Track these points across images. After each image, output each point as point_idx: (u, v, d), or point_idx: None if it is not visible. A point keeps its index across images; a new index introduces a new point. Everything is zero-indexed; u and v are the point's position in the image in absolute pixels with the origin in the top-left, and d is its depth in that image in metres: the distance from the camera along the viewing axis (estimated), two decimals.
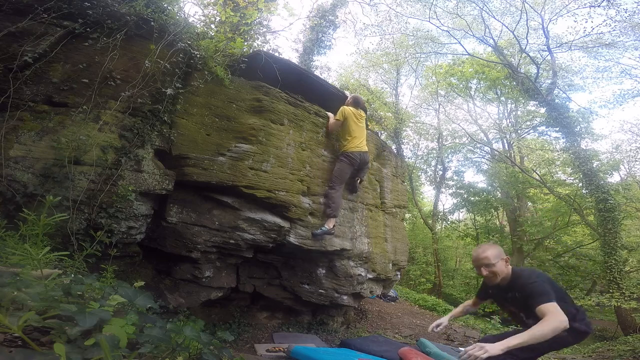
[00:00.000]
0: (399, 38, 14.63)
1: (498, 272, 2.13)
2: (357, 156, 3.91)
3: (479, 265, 2.19)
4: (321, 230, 3.66)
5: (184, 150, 3.07)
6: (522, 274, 2.13)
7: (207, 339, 1.27)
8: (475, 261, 2.22)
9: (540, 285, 1.98)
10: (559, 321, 1.74)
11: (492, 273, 2.14)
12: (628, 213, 10.40)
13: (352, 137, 3.96)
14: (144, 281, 1.82)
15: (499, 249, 2.20)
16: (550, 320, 1.75)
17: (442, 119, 17.88)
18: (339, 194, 3.85)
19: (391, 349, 3.32)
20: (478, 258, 2.19)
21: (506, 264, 2.17)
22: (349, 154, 3.90)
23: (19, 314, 0.89)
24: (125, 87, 2.84)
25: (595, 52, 12.61)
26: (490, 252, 2.15)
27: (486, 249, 2.20)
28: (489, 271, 2.14)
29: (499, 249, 2.19)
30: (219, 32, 4.12)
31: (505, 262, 2.16)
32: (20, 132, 2.51)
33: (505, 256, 2.18)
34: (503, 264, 2.15)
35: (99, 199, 2.59)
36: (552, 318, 1.75)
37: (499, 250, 2.19)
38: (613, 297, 7.71)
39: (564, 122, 9.90)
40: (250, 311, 4.31)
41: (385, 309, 6.66)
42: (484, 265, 2.15)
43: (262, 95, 3.53)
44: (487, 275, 2.16)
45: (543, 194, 15.25)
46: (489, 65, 13.86)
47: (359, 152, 3.94)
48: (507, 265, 2.17)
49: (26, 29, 2.76)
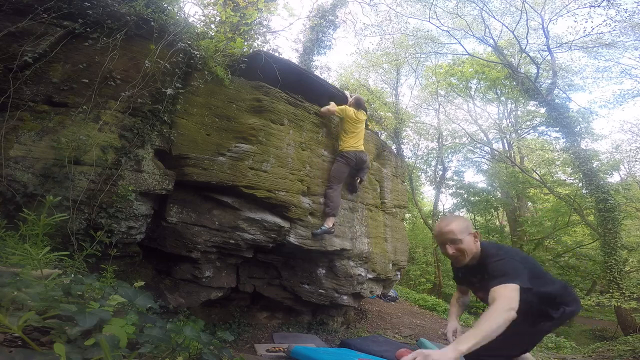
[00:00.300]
0: (399, 38, 14.64)
1: (466, 250, 1.78)
2: (352, 155, 3.94)
3: (443, 241, 1.84)
4: (321, 229, 3.68)
5: (184, 150, 3.07)
6: (489, 252, 1.80)
7: (207, 339, 1.27)
8: (439, 236, 1.87)
9: (505, 263, 1.64)
10: (504, 309, 1.38)
11: (459, 251, 1.80)
12: (628, 213, 10.41)
13: (348, 137, 4.00)
14: (144, 281, 1.82)
15: (467, 221, 1.87)
16: (496, 309, 1.39)
17: (442, 119, 17.87)
18: (337, 193, 3.86)
19: (391, 349, 3.32)
20: (441, 232, 1.83)
21: (475, 239, 1.82)
22: (345, 154, 3.94)
23: (19, 314, 0.89)
24: (125, 87, 2.84)
25: (595, 52, 12.62)
26: (456, 225, 1.80)
27: (451, 221, 1.84)
28: (455, 249, 1.79)
29: (466, 222, 1.85)
30: (219, 32, 4.12)
31: (474, 237, 1.82)
32: (20, 132, 2.51)
33: (473, 230, 1.83)
34: (471, 240, 1.80)
35: (99, 199, 2.59)
36: (498, 306, 1.40)
37: (467, 223, 1.85)
38: (613, 297, 7.72)
39: (564, 122, 9.91)
40: (250, 311, 4.31)
41: (385, 309, 6.66)
42: (448, 241, 1.80)
43: (262, 95, 3.53)
44: (453, 255, 1.81)
45: (543, 194, 15.25)
46: (489, 65, 13.85)
47: (355, 152, 3.97)
48: (476, 242, 1.83)
49: (26, 29, 2.76)
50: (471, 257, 1.81)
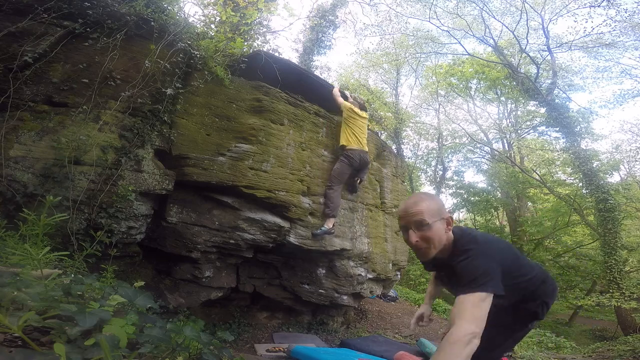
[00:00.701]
0: (399, 38, 14.65)
1: (434, 240, 1.32)
2: (357, 156, 3.91)
3: (406, 223, 1.36)
4: (321, 230, 3.67)
5: (184, 150, 3.07)
6: (459, 246, 1.36)
7: (207, 339, 1.27)
8: (403, 217, 1.38)
9: (474, 264, 1.26)
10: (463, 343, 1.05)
11: (425, 240, 1.33)
12: (628, 213, 10.42)
13: (353, 135, 3.97)
14: (144, 281, 1.82)
15: (440, 202, 1.41)
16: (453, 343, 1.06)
17: (442, 119, 17.91)
18: (337, 193, 3.85)
19: (391, 349, 3.32)
20: (406, 212, 1.36)
21: (447, 228, 1.37)
22: (349, 154, 3.90)
23: (19, 314, 0.89)
24: (125, 87, 2.84)
25: (595, 52, 12.63)
26: (427, 206, 1.33)
27: (421, 199, 1.37)
28: (420, 237, 1.33)
29: (439, 203, 1.39)
30: (219, 32, 4.12)
31: (446, 224, 1.37)
32: (20, 132, 2.51)
33: (446, 214, 1.37)
34: (442, 228, 1.35)
35: (99, 199, 2.59)
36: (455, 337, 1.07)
37: (440, 204, 1.39)
38: (613, 297, 7.72)
39: (564, 122, 9.91)
40: (250, 311, 4.31)
41: (385, 309, 6.66)
42: (413, 224, 1.34)
43: (262, 95, 3.53)
44: (417, 245, 1.34)
45: (543, 194, 15.26)
46: (489, 65, 13.86)
47: (359, 151, 3.94)
48: (448, 230, 1.37)
49: (26, 29, 2.76)
50: (440, 250, 1.36)
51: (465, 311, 1.13)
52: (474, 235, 1.39)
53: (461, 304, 1.16)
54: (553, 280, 1.73)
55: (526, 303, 1.60)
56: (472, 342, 1.06)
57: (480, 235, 1.42)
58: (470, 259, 1.27)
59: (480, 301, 1.15)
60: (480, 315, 1.13)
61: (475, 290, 1.17)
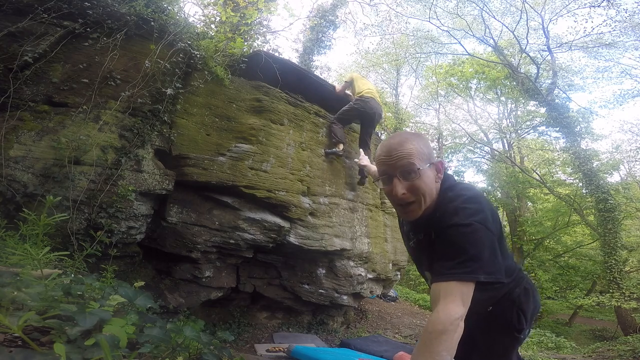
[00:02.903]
0: (399, 38, 14.65)
1: (425, 192, 1.03)
2: (368, 101, 4.01)
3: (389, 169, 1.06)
4: (331, 150, 3.92)
5: (184, 150, 3.07)
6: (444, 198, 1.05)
7: (207, 339, 1.27)
8: (385, 161, 1.06)
9: (464, 234, 0.93)
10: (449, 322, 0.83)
11: (414, 192, 1.03)
12: (628, 213, 10.40)
13: (363, 88, 4.11)
14: (144, 281, 1.83)
15: (428, 143, 1.11)
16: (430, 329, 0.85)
17: (442, 119, 17.90)
18: (340, 130, 4.04)
19: (391, 349, 3.32)
20: (390, 154, 1.05)
21: (438, 175, 1.09)
22: (361, 98, 4.02)
23: (19, 314, 0.89)
24: (125, 87, 2.84)
25: (595, 52, 12.61)
26: (416, 146, 1.04)
27: (406, 139, 1.06)
28: (408, 187, 1.03)
29: (428, 144, 1.09)
30: (219, 32, 4.12)
31: (436, 171, 1.08)
32: (20, 132, 2.51)
33: (436, 159, 1.09)
34: (433, 177, 1.07)
35: (99, 199, 2.59)
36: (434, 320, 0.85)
37: (429, 145, 1.09)
38: (613, 297, 7.72)
39: (564, 122, 9.91)
40: (250, 311, 4.31)
41: (385, 309, 6.66)
42: (398, 170, 1.03)
43: (262, 95, 3.53)
44: (403, 198, 1.04)
45: (543, 194, 15.25)
46: (489, 65, 13.86)
47: (372, 99, 4.04)
48: (438, 180, 1.09)
49: (26, 29, 2.75)
50: (427, 207, 1.06)
51: (443, 304, 0.87)
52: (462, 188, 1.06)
53: (439, 293, 0.89)
54: (534, 287, 1.31)
55: (500, 305, 1.23)
56: (460, 326, 0.85)
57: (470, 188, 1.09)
58: (460, 227, 0.94)
59: (459, 299, 0.87)
60: (456, 303, 0.87)
61: (461, 276, 0.89)
